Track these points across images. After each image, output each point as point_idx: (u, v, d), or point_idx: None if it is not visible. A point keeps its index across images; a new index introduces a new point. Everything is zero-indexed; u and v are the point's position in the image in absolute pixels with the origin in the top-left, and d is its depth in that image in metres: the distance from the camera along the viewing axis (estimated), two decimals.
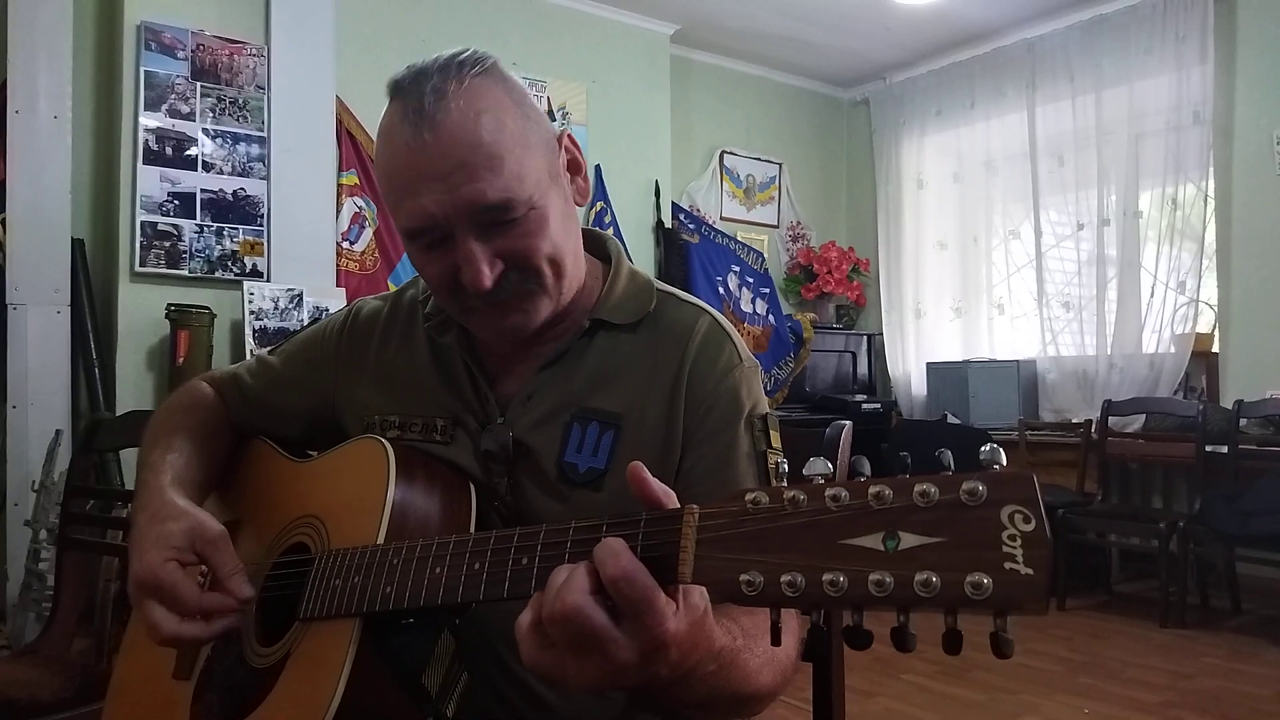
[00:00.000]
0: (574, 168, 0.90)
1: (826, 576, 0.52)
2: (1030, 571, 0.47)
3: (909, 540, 0.51)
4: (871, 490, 0.52)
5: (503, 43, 4.42)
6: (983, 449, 0.51)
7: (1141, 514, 4.06)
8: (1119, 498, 4.30)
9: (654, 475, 0.86)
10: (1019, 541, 0.48)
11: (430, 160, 0.79)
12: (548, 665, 0.61)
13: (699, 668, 0.64)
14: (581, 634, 0.58)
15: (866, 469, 0.56)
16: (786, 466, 0.59)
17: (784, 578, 0.53)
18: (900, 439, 4.48)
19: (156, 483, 0.92)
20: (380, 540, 0.80)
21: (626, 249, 4.92)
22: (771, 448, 0.89)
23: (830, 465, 0.57)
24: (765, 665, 0.74)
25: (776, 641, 0.57)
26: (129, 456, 3.21)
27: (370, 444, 0.90)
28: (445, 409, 0.94)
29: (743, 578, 0.55)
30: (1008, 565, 0.48)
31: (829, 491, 0.54)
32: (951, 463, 0.52)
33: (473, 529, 0.86)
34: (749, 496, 0.57)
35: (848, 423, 1.12)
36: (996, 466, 0.51)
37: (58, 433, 3.09)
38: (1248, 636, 3.42)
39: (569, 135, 0.90)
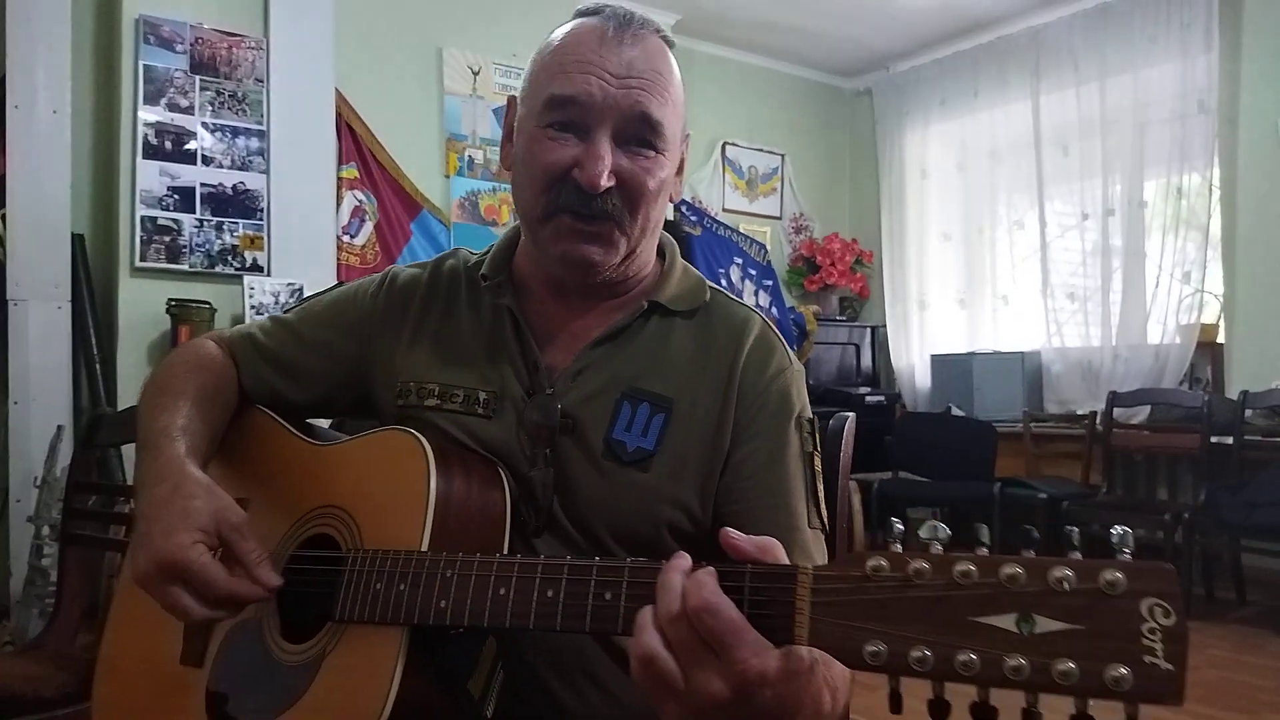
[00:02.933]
0: (681, 166, 0.94)
1: (960, 656, 0.52)
2: (1170, 667, 0.49)
3: (1045, 624, 0.51)
4: (1004, 570, 0.52)
5: (503, 33, 4.40)
6: (1114, 531, 0.52)
7: (1146, 505, 4.05)
8: (1124, 489, 4.28)
9: (701, 463, 0.88)
10: (1159, 636, 0.49)
11: (619, 58, 0.84)
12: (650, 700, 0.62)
13: (800, 713, 0.63)
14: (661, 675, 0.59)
15: (985, 537, 0.56)
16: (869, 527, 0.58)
17: (913, 653, 0.53)
18: (904, 432, 4.47)
19: (172, 451, 0.88)
20: (424, 546, 0.78)
21: None
22: (817, 450, 0.92)
23: (947, 530, 0.56)
24: (841, 687, 0.73)
25: (897, 709, 0.57)
26: (131, 452, 3.20)
27: (405, 438, 0.86)
28: (489, 380, 0.92)
29: (868, 649, 0.55)
30: (1147, 659, 0.49)
31: (958, 567, 0.54)
32: (1037, 536, 0.53)
33: (508, 524, 0.85)
34: (870, 563, 0.56)
35: (851, 415, 1.11)
36: (1126, 550, 0.51)
37: (59, 428, 3.09)
38: (1252, 628, 3.41)
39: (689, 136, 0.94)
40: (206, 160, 3.53)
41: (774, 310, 4.98)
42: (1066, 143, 4.72)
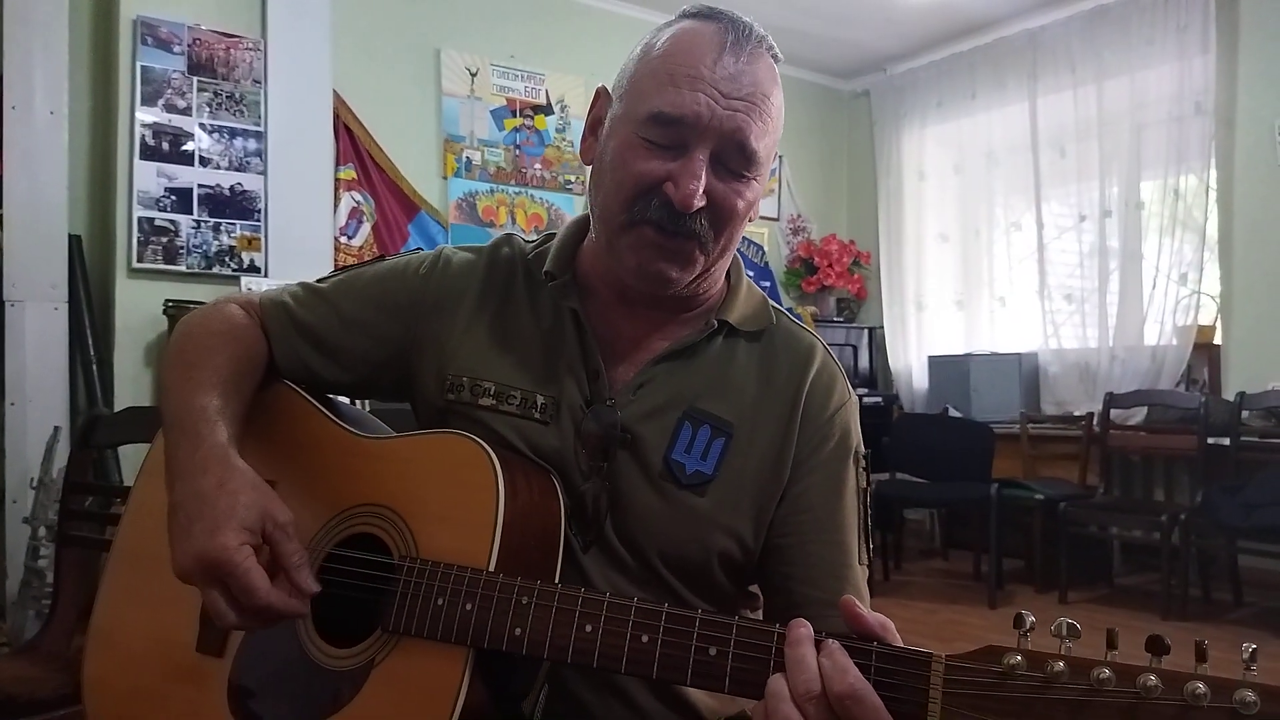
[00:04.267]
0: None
1: None
2: None
3: None
4: (1141, 680, 0.54)
5: (502, 35, 4.40)
6: (1244, 646, 0.54)
7: (1143, 507, 4.06)
8: (1120, 490, 4.29)
9: (758, 493, 0.87)
10: None
11: (731, 74, 0.81)
12: None
13: None
14: None
15: (1117, 643, 0.57)
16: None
17: None
18: (901, 433, 4.47)
19: (215, 438, 0.82)
20: (491, 566, 0.76)
21: None
22: (870, 484, 0.92)
23: (1078, 627, 0.58)
24: None
25: None
26: (128, 453, 3.21)
27: (471, 447, 0.82)
28: (547, 385, 0.89)
29: None
30: None
31: (1096, 672, 0.55)
32: (1169, 644, 0.55)
33: (562, 539, 0.83)
34: (1008, 659, 0.58)
35: None
36: (1254, 667, 0.53)
37: (56, 429, 3.09)
38: (1249, 629, 3.42)
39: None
40: (204, 161, 3.53)
41: None
42: (1063, 144, 4.73)
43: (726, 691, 0.65)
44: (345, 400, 1.03)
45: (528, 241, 0.99)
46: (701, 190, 0.80)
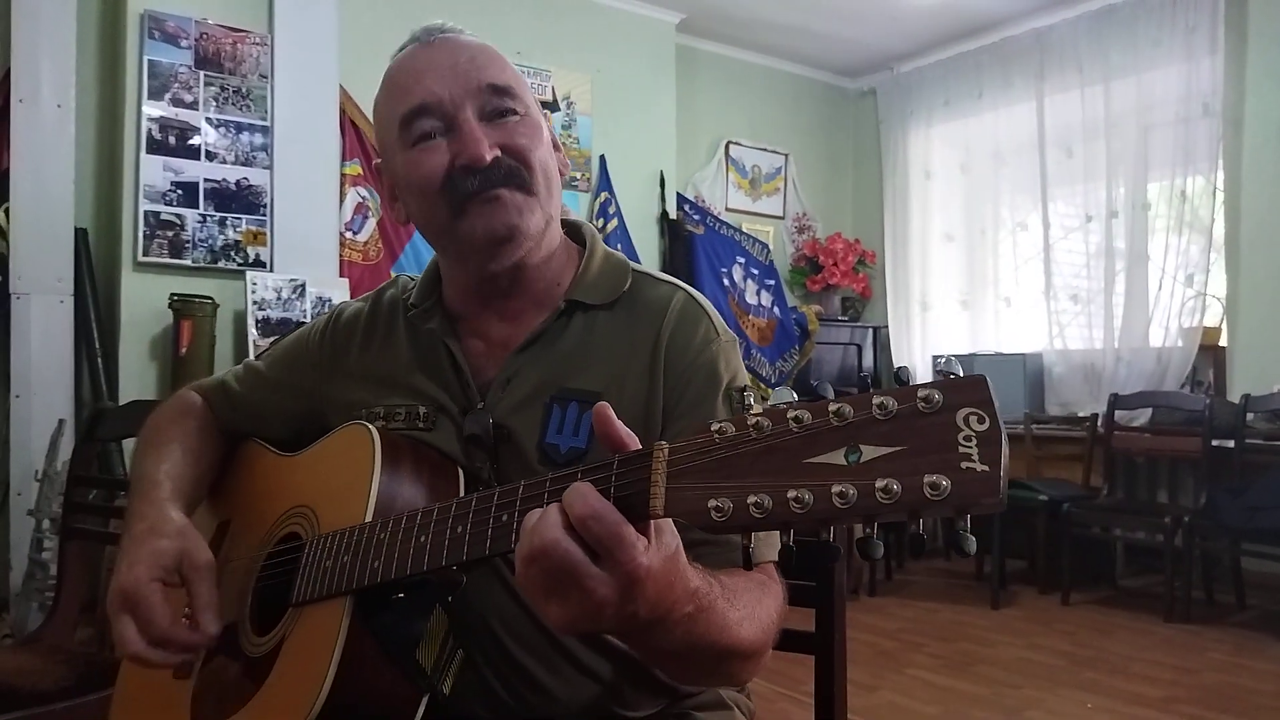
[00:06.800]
0: (555, 143, 0.95)
1: (791, 494, 0.53)
2: (986, 468, 0.48)
3: (870, 452, 0.52)
4: (832, 409, 0.53)
5: (507, 31, 4.39)
6: (938, 359, 0.52)
7: (1147, 508, 4.04)
8: (1125, 492, 4.27)
9: None
10: (974, 441, 0.49)
11: (441, 57, 0.90)
12: (533, 605, 0.62)
13: (675, 608, 0.65)
14: (557, 569, 0.59)
15: (830, 393, 0.56)
16: (752, 399, 0.61)
17: (750, 499, 0.54)
18: None
19: (155, 495, 0.94)
20: (368, 519, 0.82)
21: (630, 240, 4.76)
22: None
23: (795, 395, 0.57)
24: (746, 619, 0.74)
25: (748, 565, 0.59)
26: (132, 446, 3.21)
27: (356, 429, 0.91)
28: (427, 397, 0.95)
29: (711, 504, 0.56)
30: (964, 465, 0.49)
31: (791, 414, 0.55)
32: (910, 377, 0.54)
33: None
34: (715, 427, 0.58)
35: None
36: (953, 376, 0.52)
37: (61, 422, 3.10)
38: (1252, 632, 3.41)
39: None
40: (210, 155, 3.53)
41: (776, 310, 4.98)
42: (1070, 144, 4.71)
43: (513, 548, 0.65)
44: None
45: (413, 279, 1.07)
46: (485, 142, 0.86)
